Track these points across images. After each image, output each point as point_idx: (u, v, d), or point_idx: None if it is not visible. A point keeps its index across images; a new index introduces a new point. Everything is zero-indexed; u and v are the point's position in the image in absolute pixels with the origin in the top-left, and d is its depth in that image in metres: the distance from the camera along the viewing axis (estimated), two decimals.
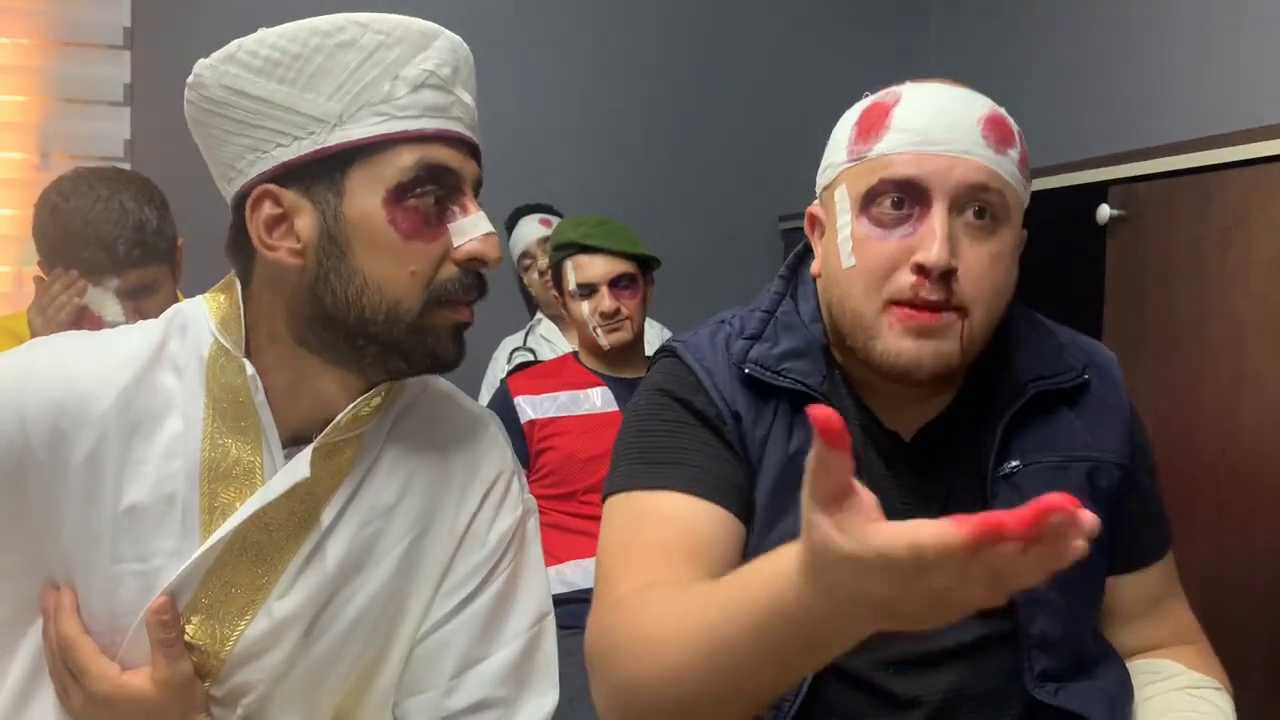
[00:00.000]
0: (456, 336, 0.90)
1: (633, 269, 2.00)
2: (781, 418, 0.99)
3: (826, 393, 0.98)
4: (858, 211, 0.94)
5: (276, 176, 0.86)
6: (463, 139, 0.89)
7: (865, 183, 0.94)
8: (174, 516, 0.86)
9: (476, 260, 0.88)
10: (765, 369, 0.99)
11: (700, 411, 0.99)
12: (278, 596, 0.87)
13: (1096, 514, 0.99)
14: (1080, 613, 1.00)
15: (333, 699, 0.91)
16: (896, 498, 0.98)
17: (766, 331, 1.02)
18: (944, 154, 0.91)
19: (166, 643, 0.84)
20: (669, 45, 2.98)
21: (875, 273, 0.92)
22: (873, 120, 0.95)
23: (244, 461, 0.88)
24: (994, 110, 0.95)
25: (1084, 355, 1.05)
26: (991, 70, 2.76)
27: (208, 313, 0.91)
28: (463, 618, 0.94)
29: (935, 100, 0.94)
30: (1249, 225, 1.42)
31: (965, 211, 0.92)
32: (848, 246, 0.94)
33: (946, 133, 0.92)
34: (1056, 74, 2.52)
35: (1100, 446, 1.01)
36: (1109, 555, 1.03)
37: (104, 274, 1.53)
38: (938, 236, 0.89)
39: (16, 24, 2.51)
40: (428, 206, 0.86)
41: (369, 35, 0.85)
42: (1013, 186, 0.94)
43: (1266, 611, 1.35)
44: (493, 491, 0.97)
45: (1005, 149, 0.94)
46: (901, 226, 0.92)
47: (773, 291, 1.07)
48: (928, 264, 0.89)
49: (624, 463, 1.01)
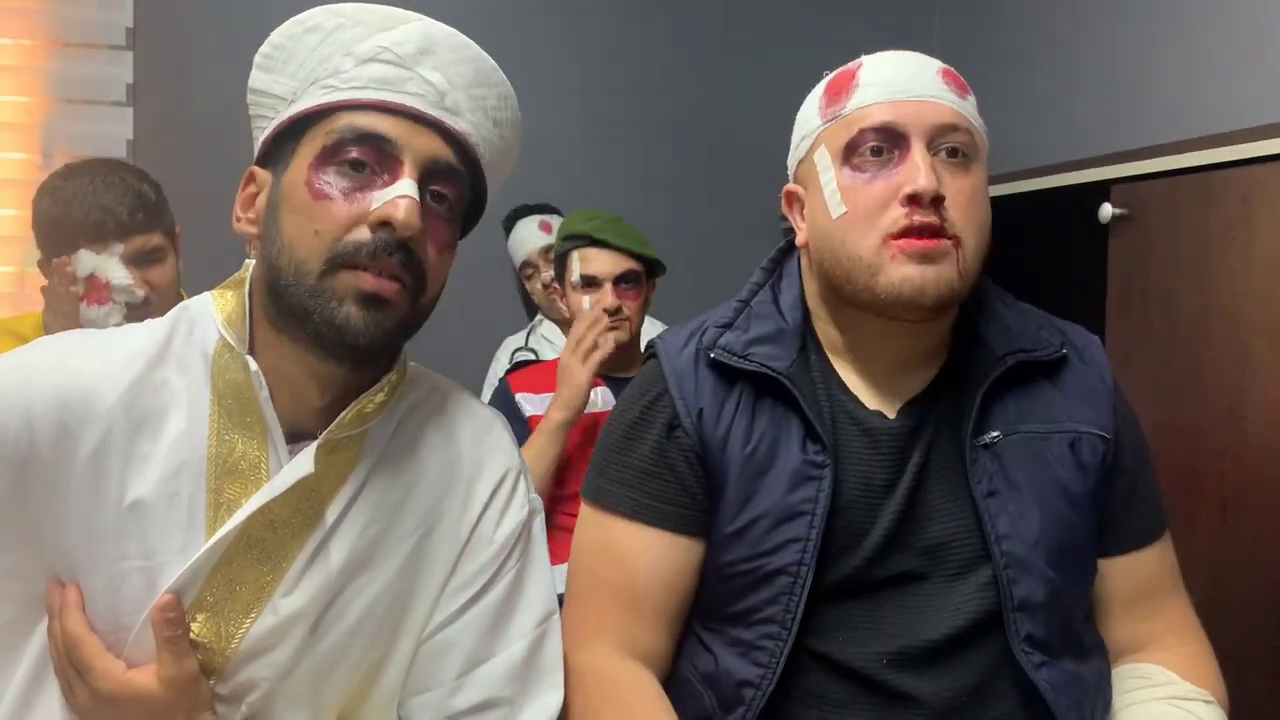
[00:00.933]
0: (362, 304, 0.84)
1: (639, 269, 2.00)
2: (744, 404, 1.03)
3: (793, 375, 1.02)
4: (839, 165, 1.00)
5: (259, 158, 0.92)
6: (412, 112, 0.88)
7: (844, 137, 1.00)
8: (179, 513, 0.86)
9: (384, 224, 0.84)
10: (731, 354, 1.04)
11: (660, 424, 1.05)
12: (283, 594, 0.87)
13: (1082, 484, 1.01)
14: (1069, 584, 1.01)
15: (338, 697, 0.91)
16: (878, 474, 1.01)
17: (738, 320, 1.08)
18: (913, 99, 0.98)
19: (172, 640, 0.84)
20: (668, 44, 2.98)
21: (867, 213, 0.97)
22: (840, 84, 1.03)
23: (250, 457, 0.88)
24: (946, 65, 1.03)
25: (1061, 334, 1.08)
26: (994, 70, 2.76)
27: (214, 309, 0.92)
28: (468, 617, 0.94)
29: (895, 59, 1.02)
30: (1251, 224, 1.42)
31: (939, 151, 0.98)
32: (836, 197, 1.00)
33: (911, 81, 0.99)
34: (1058, 73, 2.52)
35: (1082, 419, 1.03)
36: (1099, 532, 1.04)
37: (109, 240, 1.55)
38: (922, 167, 0.95)
39: (19, 24, 2.52)
40: (348, 171, 0.86)
41: (333, 19, 0.90)
42: (978, 129, 1.02)
43: (1269, 609, 1.35)
44: (500, 491, 0.97)
45: (965, 95, 1.02)
46: (885, 170, 0.98)
47: (752, 282, 1.13)
48: (918, 190, 0.94)
49: (593, 470, 1.11)
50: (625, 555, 1.04)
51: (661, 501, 1.04)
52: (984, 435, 1.01)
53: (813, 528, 0.98)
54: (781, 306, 1.08)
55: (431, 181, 0.89)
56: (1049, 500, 1.00)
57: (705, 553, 1.05)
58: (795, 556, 0.98)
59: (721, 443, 1.02)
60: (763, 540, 0.99)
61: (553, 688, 0.96)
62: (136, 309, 1.58)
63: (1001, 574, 0.97)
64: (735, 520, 1.01)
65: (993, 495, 0.99)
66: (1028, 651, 0.96)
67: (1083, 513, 1.02)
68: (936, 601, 0.98)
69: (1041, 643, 0.97)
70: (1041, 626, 0.97)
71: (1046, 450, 1.01)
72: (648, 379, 1.09)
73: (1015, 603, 0.97)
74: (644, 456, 1.05)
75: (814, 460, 1.00)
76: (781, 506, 0.99)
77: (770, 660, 0.98)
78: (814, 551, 0.97)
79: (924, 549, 1.00)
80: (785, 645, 0.97)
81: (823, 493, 0.98)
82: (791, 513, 0.99)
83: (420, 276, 0.88)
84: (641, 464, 1.05)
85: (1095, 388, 1.05)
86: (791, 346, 1.04)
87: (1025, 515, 0.99)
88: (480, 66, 0.94)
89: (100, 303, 1.55)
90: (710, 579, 1.05)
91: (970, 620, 0.97)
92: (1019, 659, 0.96)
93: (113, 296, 1.55)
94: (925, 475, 1.01)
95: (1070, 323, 1.11)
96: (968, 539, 0.99)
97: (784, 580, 0.98)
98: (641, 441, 1.06)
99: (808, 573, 0.97)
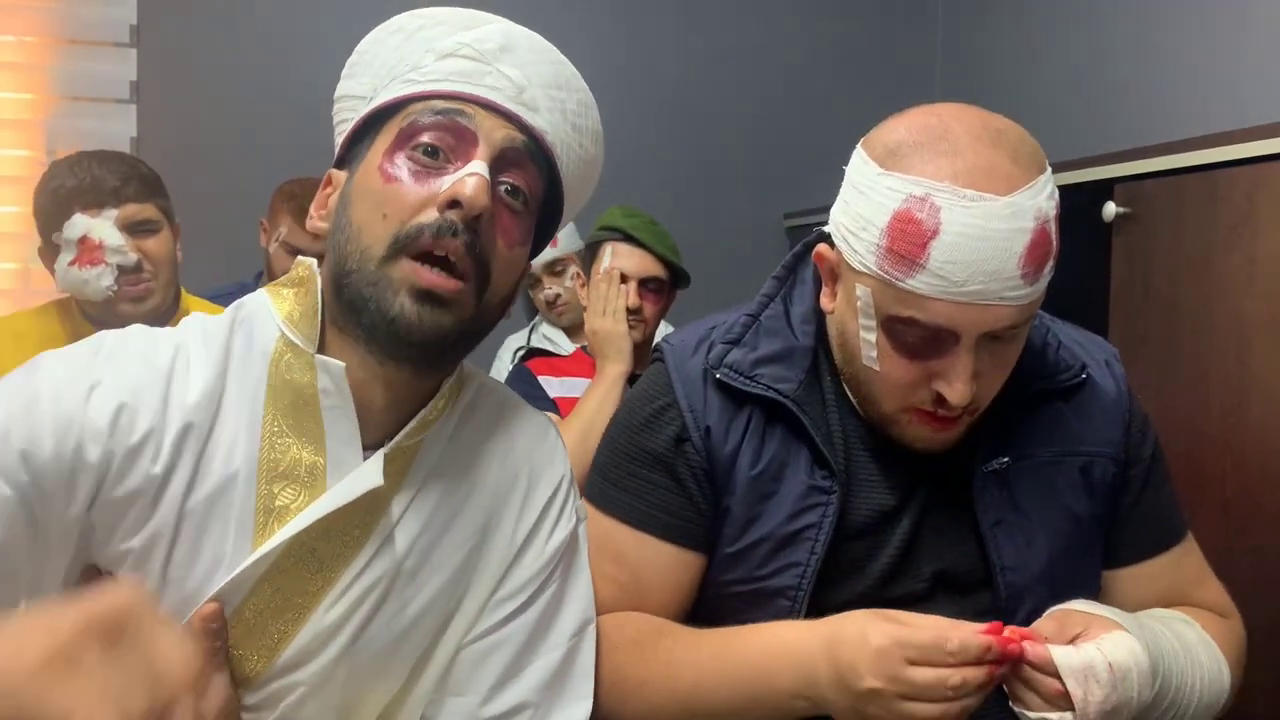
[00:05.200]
0: (417, 298, 0.81)
1: (665, 275, 2.00)
2: (755, 426, 1.00)
3: (801, 398, 0.99)
4: (882, 326, 0.91)
5: (337, 160, 0.92)
6: (488, 103, 0.86)
7: (893, 309, 0.89)
8: (228, 520, 0.82)
9: (452, 205, 0.81)
10: (738, 374, 1.00)
11: (668, 436, 1.02)
12: (330, 604, 0.84)
13: (1091, 508, 0.99)
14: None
15: (377, 703, 0.89)
16: (884, 497, 1.00)
17: (746, 336, 1.03)
18: (980, 303, 0.86)
19: (210, 651, 0.80)
20: (674, 45, 2.98)
21: (898, 386, 0.93)
22: (908, 244, 0.86)
23: (306, 462, 0.84)
24: (1037, 232, 0.86)
25: (1083, 352, 1.05)
26: (997, 68, 2.76)
27: (272, 307, 0.88)
28: (513, 626, 0.92)
29: (975, 243, 0.84)
30: (1255, 222, 1.42)
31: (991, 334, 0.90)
32: (873, 353, 0.93)
33: (986, 283, 0.85)
34: (1061, 71, 2.52)
35: (1095, 441, 1.02)
36: (1105, 549, 1.03)
37: (104, 205, 1.59)
38: (963, 379, 0.88)
39: (23, 21, 2.52)
40: (421, 157, 0.84)
41: (415, 21, 0.90)
42: (1039, 301, 0.91)
43: (1272, 608, 1.35)
44: (554, 501, 0.95)
45: (1041, 273, 0.88)
46: (928, 356, 0.90)
47: (762, 294, 1.07)
48: (950, 401, 0.90)
49: (597, 471, 1.08)
50: (629, 558, 1.03)
51: (666, 514, 1.02)
52: (993, 462, 0.99)
53: (814, 554, 0.96)
54: (793, 321, 1.04)
55: (504, 170, 0.86)
56: (1057, 528, 0.98)
57: (706, 568, 1.03)
58: (794, 581, 0.97)
59: (729, 461, 1.00)
60: (763, 563, 0.98)
61: (582, 698, 0.94)
62: (129, 273, 1.60)
63: (1002, 604, 0.96)
64: (738, 541, 0.99)
65: (1000, 524, 0.98)
66: None
67: (1091, 537, 1.01)
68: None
69: None
70: None
71: (1058, 476, 0.99)
72: (655, 385, 1.06)
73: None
74: (651, 466, 1.03)
75: (820, 485, 0.98)
76: (784, 530, 0.98)
77: None
78: (812, 577, 0.96)
79: (930, 575, 0.99)
80: None
81: (827, 519, 0.97)
82: (793, 537, 0.97)
83: (485, 268, 0.84)
84: (648, 474, 1.03)
85: (1110, 404, 1.03)
86: (801, 366, 1.01)
87: (1032, 544, 0.97)
88: (560, 70, 0.92)
89: (93, 264, 1.57)
90: (709, 595, 1.03)
91: None
92: None
93: (105, 258, 1.57)
94: (934, 500, 1.00)
95: (1089, 334, 1.10)
96: (973, 566, 0.99)
97: (782, 604, 0.97)
98: (648, 451, 1.03)
99: (804, 597, 0.96)
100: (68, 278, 1.59)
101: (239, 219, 2.41)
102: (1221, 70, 2.04)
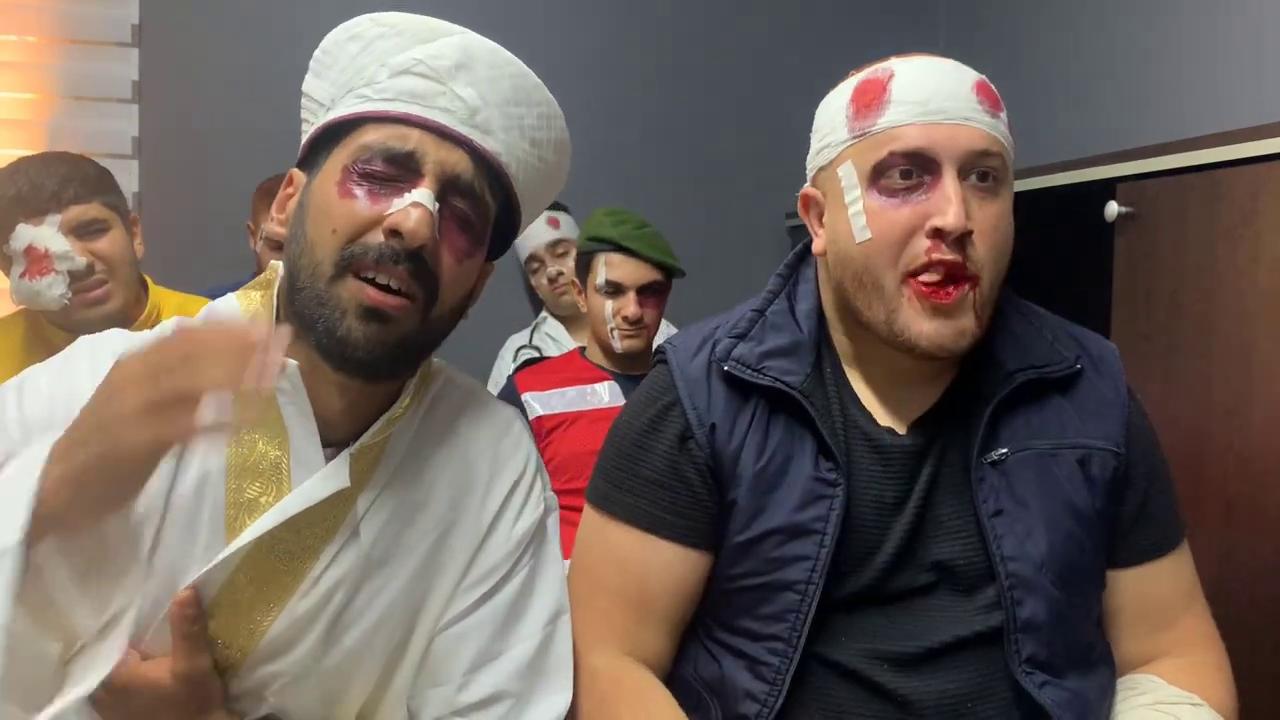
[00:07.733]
0: (363, 318, 0.84)
1: (662, 279, 2.01)
2: (759, 419, 1.01)
3: (807, 390, 1.00)
4: (867, 185, 0.96)
5: (299, 161, 0.94)
6: (438, 127, 0.88)
7: (873, 157, 0.96)
8: (202, 512, 0.86)
9: (394, 232, 0.84)
10: (746, 366, 1.02)
11: (671, 435, 1.03)
12: (303, 594, 0.88)
13: (1091, 501, 1.00)
14: (1077, 603, 1.00)
15: (359, 693, 0.92)
16: (889, 491, 1.00)
17: (753, 330, 1.05)
18: (947, 122, 0.94)
19: (189, 636, 0.84)
20: (674, 43, 2.98)
21: (893, 242, 0.95)
22: (870, 95, 0.97)
23: (270, 457, 0.88)
24: (981, 77, 0.99)
25: (1077, 345, 1.06)
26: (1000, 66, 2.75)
27: (239, 309, 0.92)
28: (482, 613, 0.94)
29: (929, 72, 0.97)
30: (1258, 222, 1.42)
31: (970, 176, 0.95)
32: (861, 220, 0.97)
33: (946, 101, 0.95)
34: (1065, 70, 2.52)
35: (1093, 435, 1.02)
36: (1108, 547, 1.03)
37: (45, 212, 1.54)
38: (953, 201, 0.92)
39: (25, 21, 2.52)
40: (375, 184, 0.86)
41: (375, 29, 0.90)
42: (1008, 149, 0.99)
43: (1274, 608, 1.35)
44: (517, 489, 0.98)
45: (997, 113, 0.98)
46: (914, 195, 0.95)
47: (767, 290, 1.10)
48: (946, 227, 0.92)
49: (599, 474, 1.09)
50: (632, 563, 1.04)
51: (671, 514, 1.03)
52: (991, 453, 0.99)
53: (823, 546, 0.97)
54: (797, 315, 1.06)
55: (452, 196, 0.89)
56: (1057, 519, 0.98)
57: (713, 564, 1.04)
58: (804, 574, 0.97)
59: (734, 456, 1.01)
60: (772, 555, 0.99)
61: (561, 689, 0.96)
62: (82, 278, 1.55)
63: (1006, 595, 0.96)
64: (744, 533, 1.00)
65: (999, 514, 0.98)
66: (1029, 672, 0.95)
67: (1092, 529, 1.00)
68: (942, 613, 0.98)
69: (1044, 663, 0.96)
70: (1045, 647, 0.96)
71: (1055, 467, 1.00)
72: (658, 386, 1.07)
73: (1019, 624, 0.96)
74: (655, 467, 1.03)
75: (826, 478, 0.98)
76: (792, 523, 0.98)
77: (777, 676, 0.97)
78: (823, 570, 0.97)
79: (933, 565, 0.99)
80: (791, 662, 0.97)
81: (834, 512, 0.97)
82: (802, 530, 0.98)
83: (432, 288, 0.87)
84: (652, 474, 1.03)
85: (1109, 400, 1.04)
86: (806, 359, 1.02)
87: (1032, 534, 0.97)
88: (520, 84, 0.93)
89: (42, 274, 1.53)
90: (717, 590, 1.04)
91: (974, 633, 0.97)
92: (1020, 680, 0.95)
93: (54, 266, 1.53)
94: (934, 492, 1.00)
95: (1088, 331, 1.10)
96: (975, 557, 0.99)
97: (791, 597, 0.97)
98: (652, 451, 1.04)
99: (816, 590, 0.97)
100: (20, 290, 1.55)
101: (240, 218, 2.40)
102: (1224, 69, 2.03)
